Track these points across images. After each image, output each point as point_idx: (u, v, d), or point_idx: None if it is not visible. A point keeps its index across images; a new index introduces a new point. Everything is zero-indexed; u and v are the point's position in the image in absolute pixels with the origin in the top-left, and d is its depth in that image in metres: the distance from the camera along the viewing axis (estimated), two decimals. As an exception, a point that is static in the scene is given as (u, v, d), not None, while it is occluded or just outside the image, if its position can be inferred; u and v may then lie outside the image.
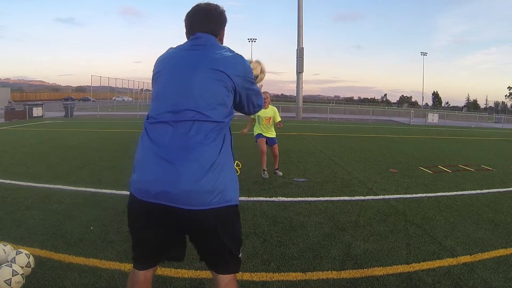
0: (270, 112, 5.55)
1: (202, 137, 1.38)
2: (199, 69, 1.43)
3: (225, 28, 1.65)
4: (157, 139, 1.41)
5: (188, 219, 1.39)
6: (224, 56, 1.47)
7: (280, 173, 5.87)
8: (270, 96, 5.65)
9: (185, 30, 1.59)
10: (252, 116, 5.67)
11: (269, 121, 5.56)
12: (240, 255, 1.55)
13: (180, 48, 1.55)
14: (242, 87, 1.50)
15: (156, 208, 1.38)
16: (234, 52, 1.53)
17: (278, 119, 5.61)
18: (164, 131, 1.40)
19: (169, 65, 1.50)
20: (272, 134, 5.68)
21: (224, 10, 1.62)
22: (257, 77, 1.94)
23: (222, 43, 1.63)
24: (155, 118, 1.44)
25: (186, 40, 1.59)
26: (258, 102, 1.65)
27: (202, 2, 1.60)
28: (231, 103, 1.49)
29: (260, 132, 5.62)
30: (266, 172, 5.62)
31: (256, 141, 5.70)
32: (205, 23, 1.55)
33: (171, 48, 1.59)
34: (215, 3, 1.61)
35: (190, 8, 1.60)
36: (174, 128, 1.39)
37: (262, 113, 5.46)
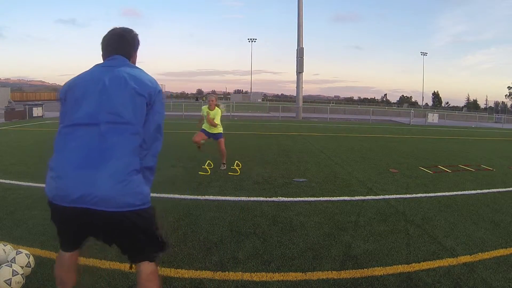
0: (216, 112, 6.03)
1: (118, 141, 1.46)
2: (114, 81, 1.54)
3: (137, 51, 1.79)
4: (74, 144, 1.47)
5: (106, 220, 1.47)
6: (137, 74, 1.60)
7: (224, 166, 6.08)
8: (215, 99, 6.13)
9: (101, 52, 1.72)
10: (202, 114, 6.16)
11: (211, 121, 5.99)
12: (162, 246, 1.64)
13: (96, 66, 1.67)
14: (152, 107, 1.58)
15: (75, 211, 1.45)
16: (149, 75, 1.67)
17: (218, 119, 6.04)
18: (81, 137, 1.47)
19: (84, 79, 1.59)
20: (217, 130, 6.08)
21: (137, 35, 1.78)
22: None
23: (135, 64, 1.77)
24: (72, 125, 1.51)
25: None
26: (158, 135, 1.62)
27: (117, 27, 1.76)
28: (143, 114, 1.55)
29: (204, 128, 6.12)
30: (224, 165, 6.04)
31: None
32: (120, 46, 1.69)
33: (88, 70, 1.67)
34: (129, 28, 1.77)
35: (107, 32, 1.74)
36: (91, 133, 1.47)
37: (209, 113, 6.01)
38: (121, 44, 1.69)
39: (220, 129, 6.13)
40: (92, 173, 1.41)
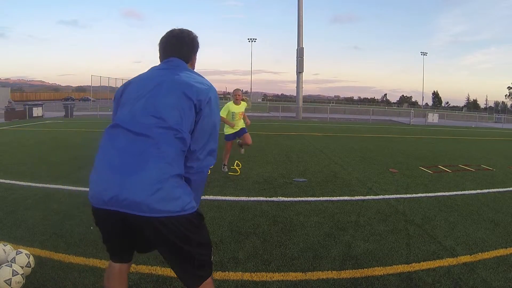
0: (242, 107, 5.96)
1: (159, 146, 1.38)
2: (164, 84, 1.48)
3: (197, 54, 1.72)
4: (113, 145, 1.44)
5: (142, 225, 1.39)
6: (194, 79, 1.53)
7: (243, 151, 6.47)
8: (242, 94, 6.06)
9: (158, 55, 1.66)
10: (222, 114, 5.77)
11: (241, 115, 5.99)
12: (212, 259, 1.55)
13: (153, 68, 1.63)
14: (201, 112, 1.49)
15: (111, 214, 1.40)
16: (204, 78, 1.59)
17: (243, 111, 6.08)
18: (121, 137, 1.43)
19: (139, 79, 1.58)
20: (242, 125, 6.06)
21: (196, 37, 1.68)
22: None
23: (193, 68, 1.71)
24: (116, 122, 1.49)
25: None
26: (212, 146, 1.55)
27: (176, 28, 1.67)
28: (190, 119, 1.47)
29: (230, 133, 5.96)
30: (226, 167, 5.92)
31: (225, 140, 5.93)
32: (177, 48, 1.62)
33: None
34: (188, 30, 1.68)
35: (164, 33, 1.66)
36: (132, 133, 1.42)
37: (236, 109, 5.88)
38: (178, 46, 1.62)
39: (243, 124, 6.10)
40: (125, 177, 1.35)
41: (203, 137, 1.50)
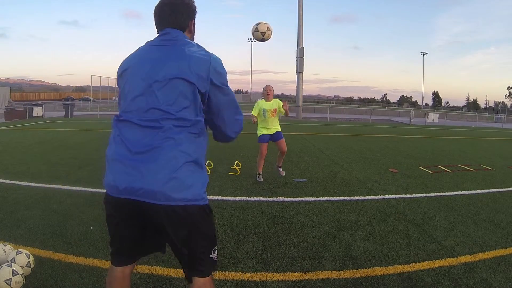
0: (274, 104, 5.42)
1: (170, 135, 1.36)
2: (165, 66, 1.40)
3: (195, 18, 1.60)
4: (125, 137, 1.41)
5: (155, 214, 1.38)
6: (191, 54, 1.42)
7: (283, 173, 5.77)
8: (273, 90, 5.58)
9: (154, 25, 1.56)
10: (254, 113, 5.50)
11: (274, 113, 5.42)
12: (213, 256, 1.50)
13: (149, 44, 1.53)
14: (210, 88, 1.44)
15: (125, 203, 1.39)
16: (204, 50, 1.48)
17: (282, 109, 5.42)
18: (131, 129, 1.41)
19: (137, 62, 1.48)
20: (277, 127, 5.51)
21: (192, 1, 1.58)
22: (264, 33, 1.97)
23: (193, 35, 1.61)
24: (123, 116, 1.45)
25: (157, 35, 1.55)
26: (236, 116, 1.56)
27: None
28: (200, 102, 1.44)
29: (264, 134, 5.43)
30: (261, 177, 5.41)
31: (258, 143, 5.55)
32: (172, 17, 1.51)
33: (141, 46, 1.56)
34: None
35: (158, 2, 1.55)
36: (141, 126, 1.39)
37: (267, 106, 5.38)
38: (173, 15, 1.50)
39: (279, 126, 5.50)
40: (140, 167, 1.34)
41: (220, 113, 1.51)
